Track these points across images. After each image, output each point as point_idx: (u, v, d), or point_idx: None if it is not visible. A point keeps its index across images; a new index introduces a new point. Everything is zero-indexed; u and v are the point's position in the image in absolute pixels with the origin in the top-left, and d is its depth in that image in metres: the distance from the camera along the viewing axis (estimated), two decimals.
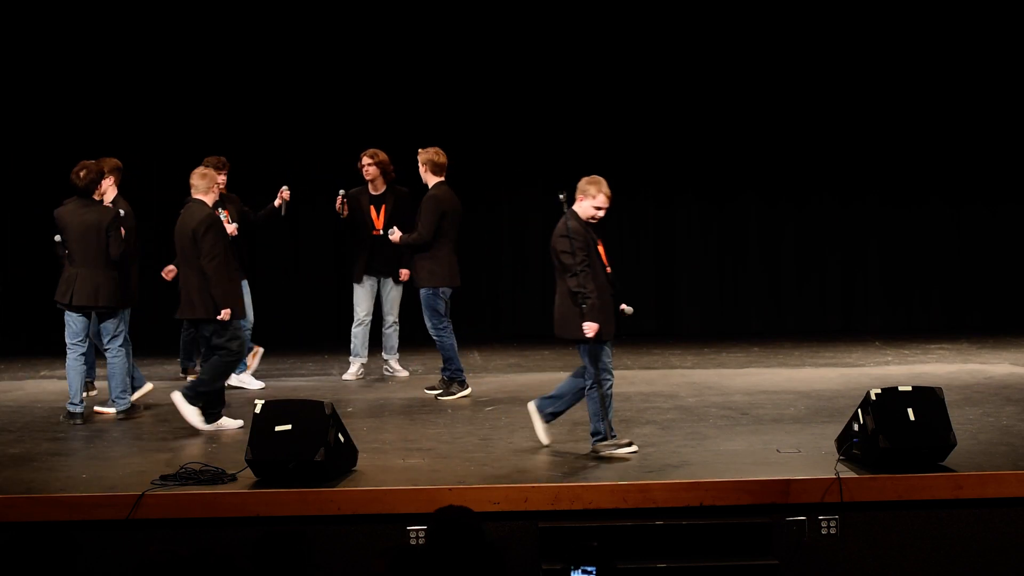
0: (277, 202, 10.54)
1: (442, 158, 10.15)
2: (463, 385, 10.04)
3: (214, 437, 8.51)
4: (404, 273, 10.71)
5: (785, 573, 6.80)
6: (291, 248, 13.89)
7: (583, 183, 7.90)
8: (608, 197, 7.88)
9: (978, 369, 11.23)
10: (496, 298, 14.21)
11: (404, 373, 10.92)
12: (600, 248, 7.89)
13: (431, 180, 10.11)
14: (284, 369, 11.72)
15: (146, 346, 11.06)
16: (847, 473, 7.11)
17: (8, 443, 8.42)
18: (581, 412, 9.32)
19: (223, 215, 9.76)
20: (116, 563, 6.39)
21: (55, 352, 10.58)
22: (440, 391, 10.01)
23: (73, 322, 9.12)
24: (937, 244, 14.38)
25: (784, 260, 14.27)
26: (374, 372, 10.98)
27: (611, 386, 7.80)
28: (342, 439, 7.32)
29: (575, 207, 7.88)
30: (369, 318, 10.81)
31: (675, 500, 6.94)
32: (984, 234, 14.38)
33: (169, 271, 10.06)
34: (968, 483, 7.02)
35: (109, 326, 9.22)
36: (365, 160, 10.64)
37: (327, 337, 12.35)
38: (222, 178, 10.10)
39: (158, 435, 8.65)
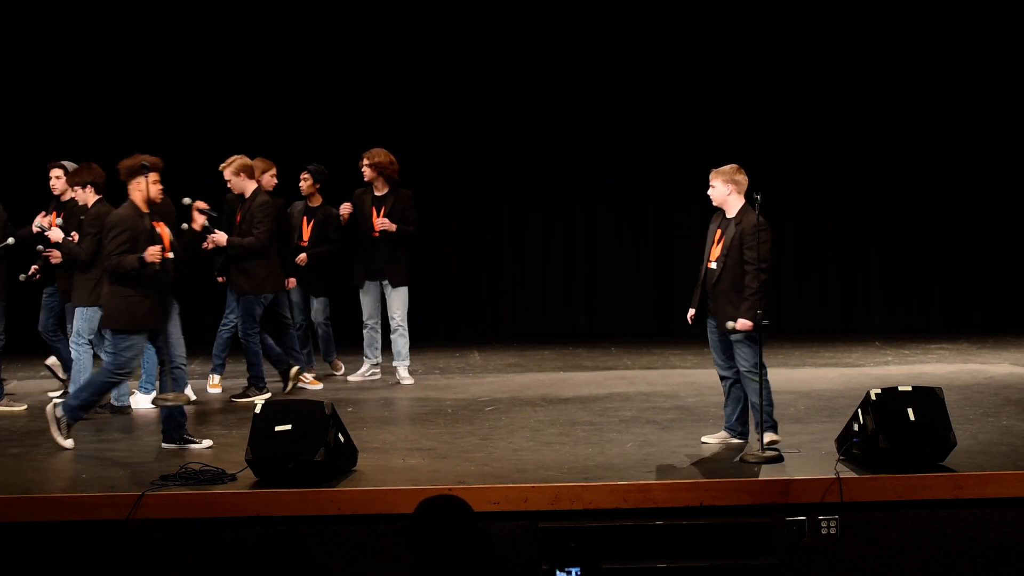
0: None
1: (249, 161, 10.18)
2: (261, 390, 9.99)
3: (213, 437, 8.51)
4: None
5: (785, 573, 6.80)
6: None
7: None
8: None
9: (978, 369, 11.24)
10: (496, 298, 14.21)
11: (410, 381, 10.76)
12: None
13: (248, 187, 10.03)
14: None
15: None
16: (847, 473, 7.11)
17: (8, 443, 8.43)
18: (579, 412, 9.34)
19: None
20: (116, 563, 6.38)
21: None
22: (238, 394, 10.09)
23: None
24: (937, 244, 14.38)
25: (784, 260, 14.26)
26: (381, 374, 10.97)
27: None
28: (342, 439, 7.32)
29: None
30: (373, 320, 10.78)
31: (675, 500, 6.93)
32: (984, 234, 14.38)
33: None
34: (968, 483, 7.02)
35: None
36: (365, 161, 10.61)
37: None
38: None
39: (158, 435, 8.63)
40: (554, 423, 8.92)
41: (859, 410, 7.33)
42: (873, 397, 7.25)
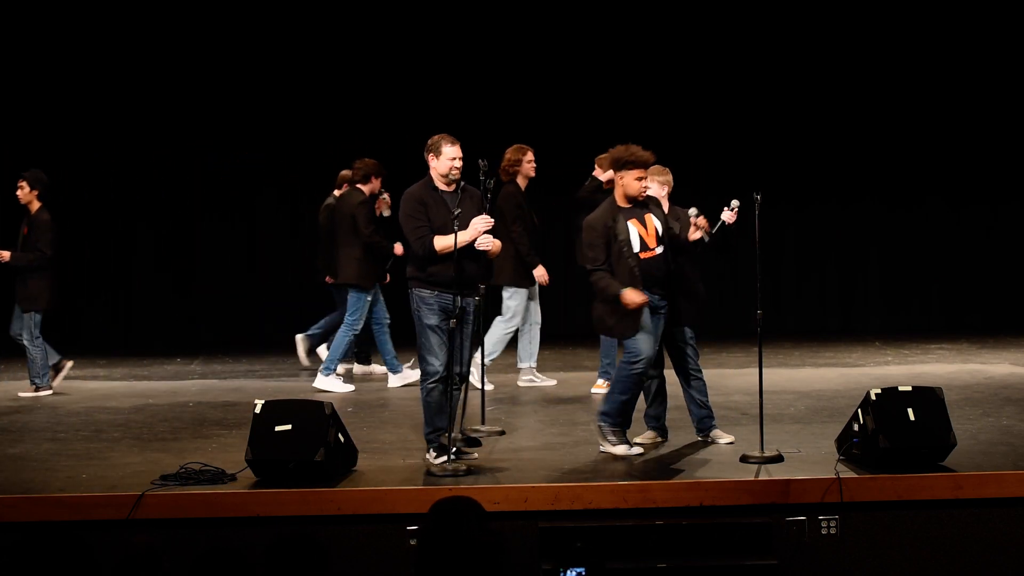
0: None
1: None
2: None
3: (213, 437, 8.52)
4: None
5: (785, 573, 6.79)
6: (292, 248, 13.88)
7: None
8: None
9: (978, 369, 11.24)
10: (496, 298, 14.18)
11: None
12: None
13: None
14: (284, 369, 11.73)
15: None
16: (847, 473, 7.11)
17: (8, 443, 8.42)
18: (580, 412, 9.34)
19: None
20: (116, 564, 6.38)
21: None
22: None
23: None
24: (936, 245, 14.39)
25: (784, 260, 14.27)
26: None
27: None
28: (342, 439, 7.32)
29: None
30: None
31: (675, 500, 6.93)
32: (983, 234, 14.39)
33: None
34: (968, 483, 7.02)
35: None
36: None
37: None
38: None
39: (158, 435, 8.65)
40: (554, 423, 8.92)
41: (859, 410, 7.33)
42: (873, 397, 7.25)
